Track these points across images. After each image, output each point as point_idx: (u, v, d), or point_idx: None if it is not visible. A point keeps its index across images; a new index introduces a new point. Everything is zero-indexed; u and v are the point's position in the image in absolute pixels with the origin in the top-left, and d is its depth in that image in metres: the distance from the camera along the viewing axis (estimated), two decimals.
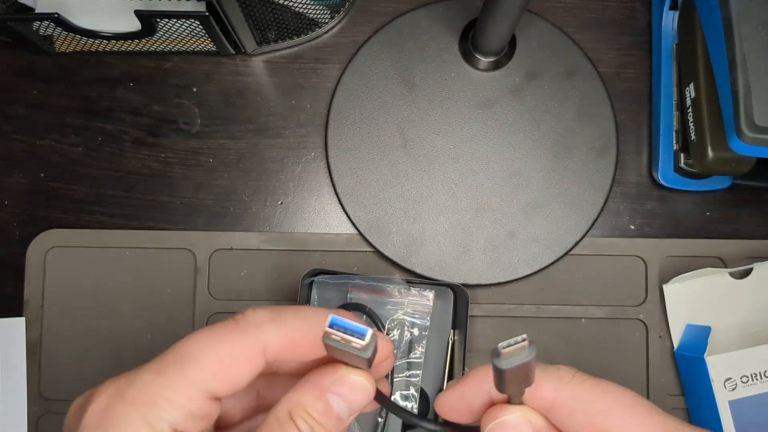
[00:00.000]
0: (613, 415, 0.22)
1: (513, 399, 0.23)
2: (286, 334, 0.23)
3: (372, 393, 0.23)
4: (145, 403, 0.21)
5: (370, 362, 0.22)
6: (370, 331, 0.21)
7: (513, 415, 0.22)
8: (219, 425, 0.24)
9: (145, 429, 0.21)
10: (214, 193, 0.45)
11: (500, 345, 0.19)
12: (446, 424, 0.25)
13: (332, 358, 0.23)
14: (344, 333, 0.21)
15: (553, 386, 0.22)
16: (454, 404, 0.24)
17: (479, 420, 0.24)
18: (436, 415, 0.41)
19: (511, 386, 0.21)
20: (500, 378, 0.20)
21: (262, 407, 0.27)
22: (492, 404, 0.23)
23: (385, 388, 0.25)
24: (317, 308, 0.23)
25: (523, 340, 0.19)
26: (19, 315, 0.43)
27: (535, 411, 0.22)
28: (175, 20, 0.40)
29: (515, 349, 0.19)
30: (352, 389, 0.23)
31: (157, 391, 0.21)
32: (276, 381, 0.26)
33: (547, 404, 0.22)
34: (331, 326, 0.21)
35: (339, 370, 0.23)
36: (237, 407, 0.26)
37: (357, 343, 0.21)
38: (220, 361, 0.22)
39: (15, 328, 0.43)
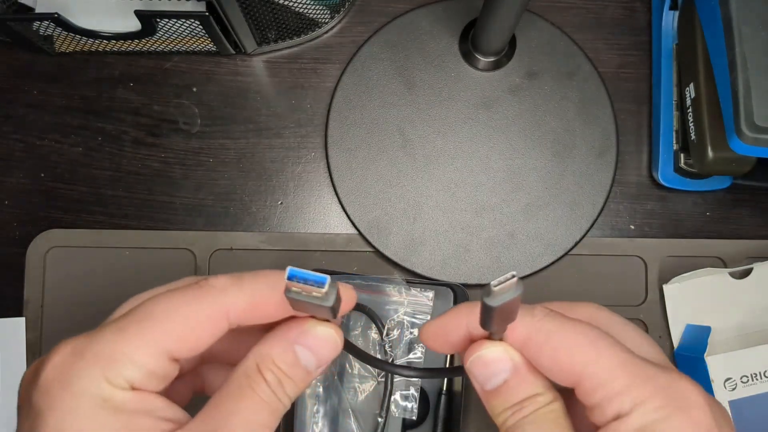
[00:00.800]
0: (577, 349, 0.22)
1: (494, 336, 0.23)
2: (248, 296, 0.23)
3: (339, 344, 0.24)
4: (106, 359, 0.21)
5: (334, 311, 0.22)
6: (328, 279, 0.21)
7: (493, 349, 0.23)
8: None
9: (104, 384, 0.21)
10: (214, 193, 0.45)
11: (492, 283, 0.20)
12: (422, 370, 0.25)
13: (298, 314, 0.23)
14: (304, 284, 0.21)
15: (526, 323, 0.23)
16: (434, 334, 0.25)
17: (457, 351, 0.25)
18: (435, 418, 0.41)
19: (496, 323, 0.22)
20: (488, 315, 0.21)
21: (209, 358, 0.27)
22: (470, 340, 0.24)
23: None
24: (277, 270, 0.23)
25: (513, 276, 0.20)
26: (19, 315, 0.43)
27: (512, 347, 0.23)
28: (175, 20, 0.40)
29: (505, 287, 0.20)
30: (319, 340, 0.23)
31: (117, 348, 0.21)
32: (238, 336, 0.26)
33: (521, 341, 0.23)
34: (290, 279, 0.21)
35: (306, 323, 0.23)
36: (189, 362, 0.26)
37: (317, 291, 0.21)
38: (184, 323, 0.22)
39: (15, 328, 0.43)
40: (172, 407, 0.22)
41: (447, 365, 0.41)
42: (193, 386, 0.27)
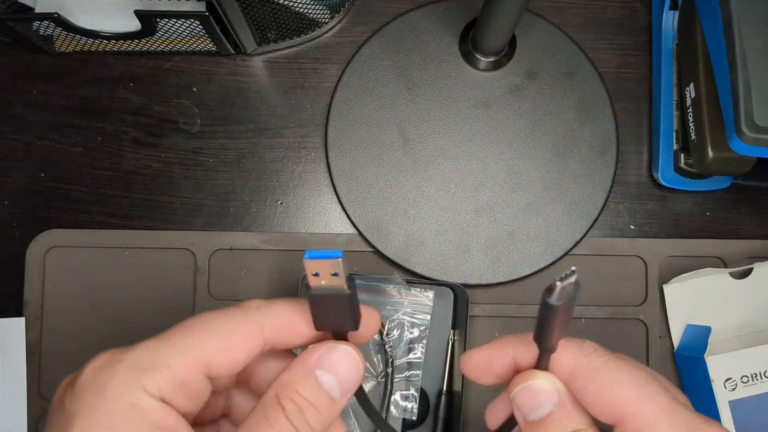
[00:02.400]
0: (624, 388, 0.22)
1: (540, 363, 0.23)
2: (281, 313, 0.23)
3: (360, 363, 0.23)
4: (142, 365, 0.21)
5: (355, 320, 0.23)
6: (341, 252, 0.21)
7: (541, 380, 0.23)
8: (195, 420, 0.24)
9: (136, 389, 0.21)
10: (214, 193, 0.45)
11: (556, 278, 0.20)
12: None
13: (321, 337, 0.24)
14: (322, 261, 0.21)
15: (575, 355, 0.23)
16: (478, 364, 0.25)
17: (499, 382, 0.25)
18: (435, 418, 0.41)
19: (555, 332, 0.22)
20: (548, 320, 0.21)
21: (242, 381, 0.27)
22: (515, 370, 0.24)
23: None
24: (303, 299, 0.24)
25: (573, 271, 0.20)
26: (19, 315, 0.43)
27: (558, 379, 0.23)
28: (175, 20, 0.40)
29: (566, 285, 0.20)
30: (339, 359, 0.23)
31: (155, 355, 0.21)
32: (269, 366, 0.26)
33: (567, 373, 0.23)
34: (307, 259, 0.21)
35: (325, 344, 0.23)
36: (222, 383, 0.25)
37: (333, 266, 0.21)
38: (223, 336, 0.22)
39: (15, 328, 0.43)
40: None
41: (446, 370, 0.42)
42: (221, 408, 0.27)
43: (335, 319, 0.23)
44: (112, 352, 0.22)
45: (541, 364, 0.24)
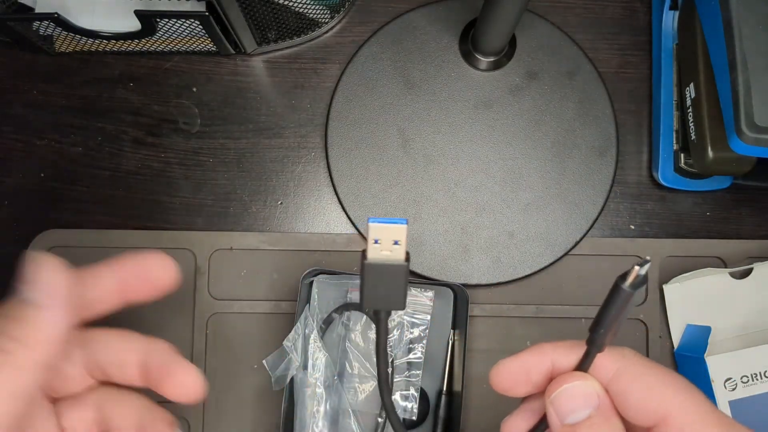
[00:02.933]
0: (668, 390, 0.22)
1: (583, 365, 0.23)
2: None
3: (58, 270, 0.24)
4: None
5: (405, 298, 0.23)
6: (406, 220, 0.22)
7: (584, 383, 0.23)
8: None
9: None
10: (214, 193, 0.45)
11: (636, 265, 0.21)
12: None
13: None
14: (385, 225, 0.21)
15: (617, 359, 0.23)
16: (513, 373, 0.25)
17: (534, 391, 0.24)
18: (435, 418, 0.41)
19: (614, 325, 0.22)
20: (616, 309, 0.21)
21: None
22: (550, 378, 0.24)
23: None
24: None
25: (647, 261, 0.20)
26: None
27: (599, 383, 0.23)
28: (175, 20, 0.40)
29: (637, 271, 0.21)
30: (38, 269, 0.23)
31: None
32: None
33: (610, 375, 0.23)
34: (372, 223, 0.21)
35: None
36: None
37: (396, 231, 0.22)
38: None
39: None
40: None
41: (446, 371, 0.42)
42: None
43: (386, 295, 0.23)
44: None
45: (585, 365, 0.23)
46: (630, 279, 0.21)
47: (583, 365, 0.23)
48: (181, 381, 0.25)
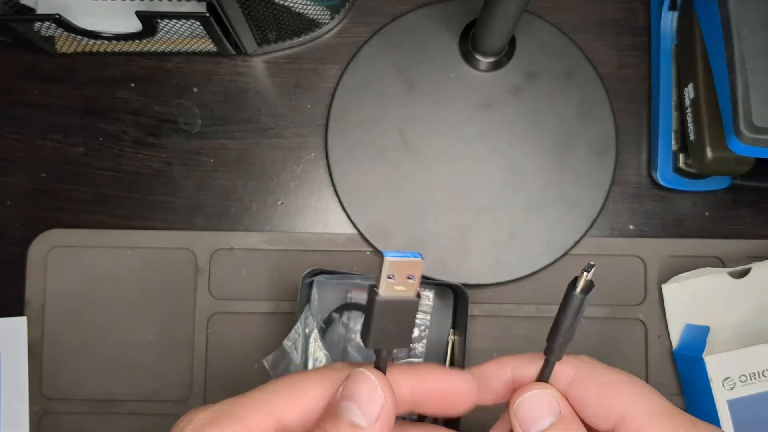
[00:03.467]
0: (623, 391, 0.23)
1: (543, 375, 0.24)
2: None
3: (379, 386, 0.22)
4: (217, 415, 0.22)
5: (411, 336, 0.23)
6: (420, 254, 0.21)
7: (541, 391, 0.24)
8: None
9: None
10: (214, 193, 0.45)
11: (585, 266, 0.21)
12: None
13: None
14: (403, 261, 0.21)
15: (573, 365, 0.24)
16: (483, 379, 0.25)
17: (494, 401, 0.25)
18: (435, 418, 0.41)
19: (567, 331, 0.23)
20: (570, 314, 0.22)
21: None
22: (512, 389, 0.25)
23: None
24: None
25: (592, 266, 0.21)
26: (21, 315, 0.43)
27: (559, 391, 0.24)
28: (175, 21, 0.40)
29: (586, 276, 0.22)
30: (356, 384, 0.22)
31: (231, 408, 0.22)
32: None
33: (567, 381, 0.24)
34: (389, 258, 0.21)
35: (351, 373, 0.23)
36: None
37: (411, 266, 0.21)
38: (297, 390, 0.23)
39: (16, 327, 0.43)
40: None
41: (449, 356, 0.42)
42: None
43: (393, 332, 0.22)
44: (202, 407, 0.23)
45: (544, 375, 0.24)
46: (580, 284, 0.21)
47: (543, 375, 0.24)
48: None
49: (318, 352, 0.39)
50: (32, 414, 0.42)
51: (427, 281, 0.42)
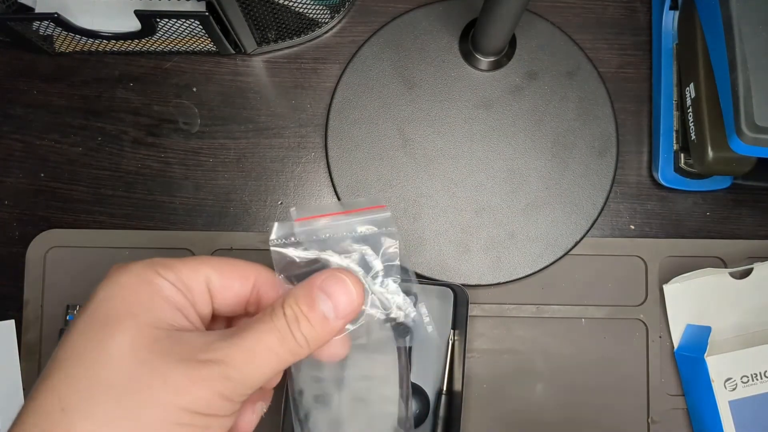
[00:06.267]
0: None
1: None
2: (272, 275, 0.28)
3: (355, 297, 0.26)
4: (156, 264, 0.25)
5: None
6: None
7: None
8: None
9: (153, 274, 0.25)
10: (214, 193, 0.45)
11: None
12: None
13: None
14: None
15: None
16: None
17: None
18: (435, 418, 0.41)
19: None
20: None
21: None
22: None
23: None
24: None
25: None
26: (20, 314, 0.43)
27: None
28: (175, 20, 0.40)
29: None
30: (338, 287, 0.25)
31: (166, 261, 0.25)
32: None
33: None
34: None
35: (332, 271, 0.26)
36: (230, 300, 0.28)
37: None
38: (223, 261, 0.27)
39: (5, 331, 0.43)
40: (194, 315, 0.26)
41: (446, 370, 0.41)
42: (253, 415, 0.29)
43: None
44: (128, 262, 0.25)
45: None
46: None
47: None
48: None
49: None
50: None
51: (427, 281, 0.42)
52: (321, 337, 0.25)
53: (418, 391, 0.41)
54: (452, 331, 0.42)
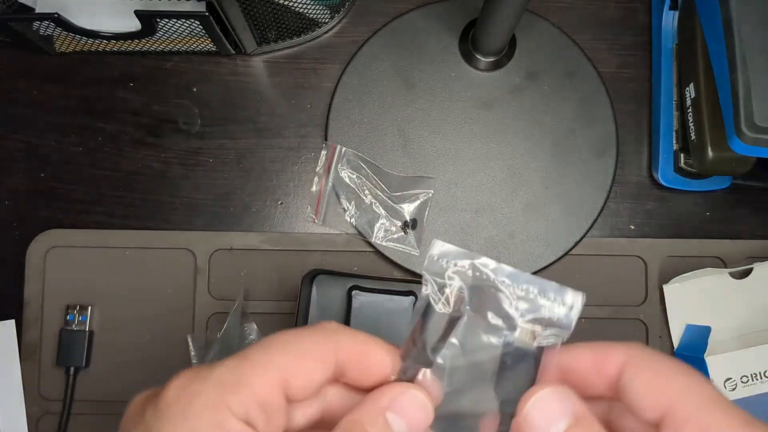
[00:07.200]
0: (677, 376, 0.22)
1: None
2: (356, 342, 0.23)
3: (430, 409, 0.23)
4: (226, 383, 0.21)
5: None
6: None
7: (554, 389, 0.22)
8: None
9: (222, 409, 0.21)
10: (214, 193, 0.45)
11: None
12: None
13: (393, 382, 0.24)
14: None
15: (626, 350, 0.23)
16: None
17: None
18: None
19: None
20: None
21: (324, 426, 0.26)
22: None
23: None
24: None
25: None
26: (20, 314, 0.43)
27: (570, 388, 0.23)
28: (175, 20, 0.40)
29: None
30: (409, 403, 0.23)
31: (237, 373, 0.21)
32: (341, 400, 0.26)
33: (618, 366, 0.23)
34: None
35: (396, 388, 0.23)
36: (301, 420, 0.25)
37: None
38: (298, 353, 0.22)
39: (5, 330, 0.43)
40: None
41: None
42: None
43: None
44: (195, 370, 0.22)
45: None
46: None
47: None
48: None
49: None
50: (31, 415, 0.42)
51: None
52: None
53: None
54: None
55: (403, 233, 0.42)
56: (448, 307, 0.22)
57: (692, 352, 0.41)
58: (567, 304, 0.22)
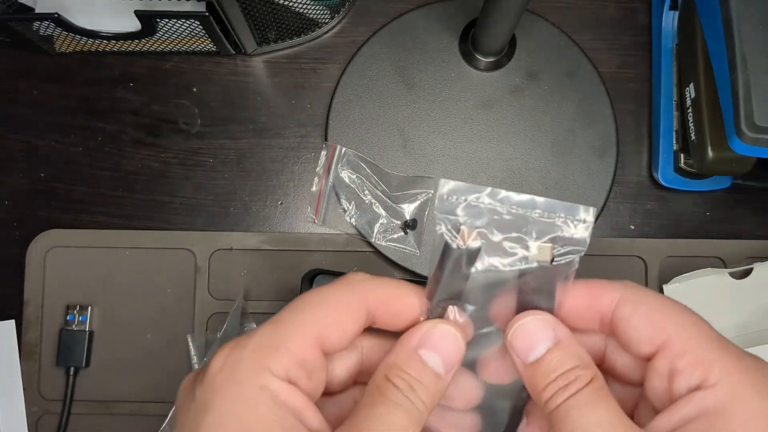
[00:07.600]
0: (671, 321, 0.22)
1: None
2: (384, 288, 0.24)
3: (461, 340, 0.23)
4: (264, 347, 0.22)
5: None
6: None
7: (535, 317, 0.23)
8: (325, 392, 0.24)
9: (263, 371, 0.21)
10: (214, 193, 0.45)
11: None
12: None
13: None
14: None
15: (618, 288, 0.23)
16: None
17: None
18: None
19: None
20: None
21: (363, 377, 0.27)
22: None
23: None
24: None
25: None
26: (20, 314, 0.43)
27: (554, 318, 0.23)
28: (175, 20, 0.40)
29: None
30: (440, 337, 0.23)
31: (273, 337, 0.22)
32: (377, 349, 0.26)
33: (612, 305, 0.23)
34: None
35: (424, 326, 0.24)
36: (342, 373, 0.25)
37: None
38: (330, 308, 0.23)
39: (5, 331, 0.43)
40: (317, 416, 0.22)
41: None
42: (345, 408, 0.27)
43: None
44: (235, 341, 0.23)
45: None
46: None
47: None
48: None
49: None
50: (31, 415, 0.42)
51: (426, 281, 0.42)
52: (438, 394, 0.23)
53: None
54: None
55: (403, 233, 0.43)
56: (464, 242, 0.22)
57: None
58: (580, 220, 0.22)
